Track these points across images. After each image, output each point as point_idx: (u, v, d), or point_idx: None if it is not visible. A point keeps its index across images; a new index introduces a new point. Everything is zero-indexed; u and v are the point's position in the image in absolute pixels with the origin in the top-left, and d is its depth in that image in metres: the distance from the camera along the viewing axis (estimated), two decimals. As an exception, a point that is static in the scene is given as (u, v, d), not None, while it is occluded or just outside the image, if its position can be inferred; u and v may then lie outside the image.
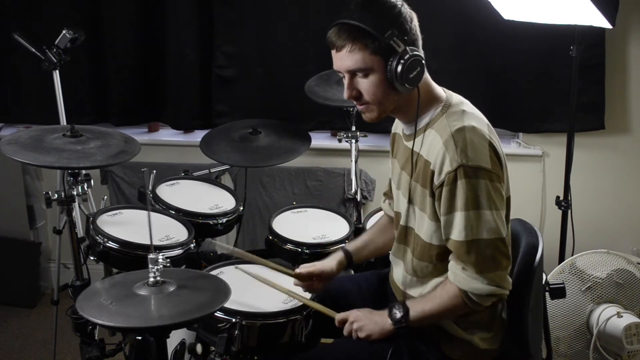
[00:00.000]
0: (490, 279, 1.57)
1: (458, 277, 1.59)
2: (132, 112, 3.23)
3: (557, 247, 2.73)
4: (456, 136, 1.57)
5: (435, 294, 1.65)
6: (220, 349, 1.70)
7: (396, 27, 1.55)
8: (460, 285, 1.59)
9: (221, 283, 1.64)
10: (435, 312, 1.65)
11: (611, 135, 3.09)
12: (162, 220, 2.27)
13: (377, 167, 3.15)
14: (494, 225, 1.56)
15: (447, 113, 1.64)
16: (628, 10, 2.89)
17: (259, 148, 2.59)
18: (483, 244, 1.56)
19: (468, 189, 1.54)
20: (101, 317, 1.46)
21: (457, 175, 1.54)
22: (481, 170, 1.55)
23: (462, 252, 1.58)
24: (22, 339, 3.08)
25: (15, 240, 3.34)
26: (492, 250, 1.57)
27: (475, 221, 1.55)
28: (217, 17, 3.05)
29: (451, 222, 1.58)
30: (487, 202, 1.55)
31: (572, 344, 2.55)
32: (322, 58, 2.99)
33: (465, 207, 1.55)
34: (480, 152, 1.56)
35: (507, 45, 2.94)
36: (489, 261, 1.57)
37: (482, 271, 1.56)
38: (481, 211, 1.55)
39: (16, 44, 2.63)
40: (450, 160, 1.55)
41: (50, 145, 2.04)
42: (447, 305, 1.62)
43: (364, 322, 1.71)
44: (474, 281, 1.57)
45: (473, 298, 1.58)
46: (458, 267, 1.59)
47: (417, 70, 1.57)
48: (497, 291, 1.58)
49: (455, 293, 1.60)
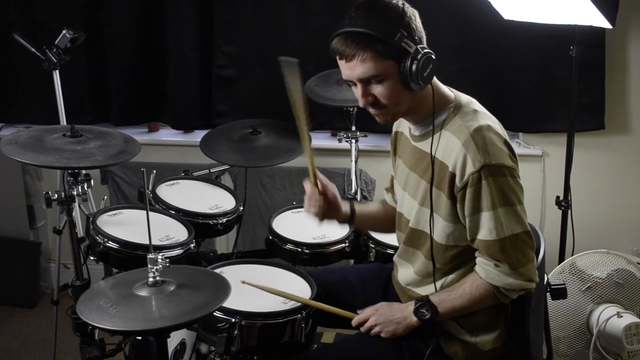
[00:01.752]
0: (523, 274, 1.59)
1: (491, 273, 1.60)
2: (132, 112, 3.23)
3: (557, 247, 2.73)
4: (475, 136, 1.57)
5: (465, 289, 1.65)
6: (220, 349, 1.70)
7: (403, 27, 1.53)
8: (493, 282, 1.60)
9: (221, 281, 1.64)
10: (465, 307, 1.66)
11: (611, 135, 3.08)
12: (162, 220, 2.27)
13: (377, 167, 3.15)
14: (523, 220, 1.59)
15: (459, 113, 1.64)
16: (628, 10, 2.89)
17: (259, 148, 2.58)
18: (515, 239, 1.58)
19: (495, 187, 1.55)
20: (102, 321, 1.46)
21: (481, 175, 1.55)
22: (504, 168, 1.57)
23: (494, 250, 1.58)
24: (22, 339, 3.08)
25: (15, 240, 3.34)
26: (522, 245, 1.59)
27: (505, 218, 1.56)
28: (217, 17, 3.05)
29: (478, 222, 1.59)
30: (515, 198, 1.58)
31: (572, 344, 2.55)
32: (322, 58, 2.99)
33: (492, 206, 1.56)
34: (499, 149, 1.58)
35: (507, 45, 2.94)
36: (521, 256, 1.59)
37: (515, 267, 1.58)
38: (510, 207, 1.57)
39: (16, 44, 2.63)
40: (472, 161, 1.55)
41: (50, 145, 2.04)
42: (477, 300, 1.64)
43: (385, 324, 1.71)
44: (508, 277, 1.59)
45: (504, 292, 1.61)
46: (490, 264, 1.60)
47: (430, 68, 1.56)
48: (528, 285, 1.60)
49: (487, 289, 1.62)
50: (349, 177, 2.91)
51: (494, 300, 1.63)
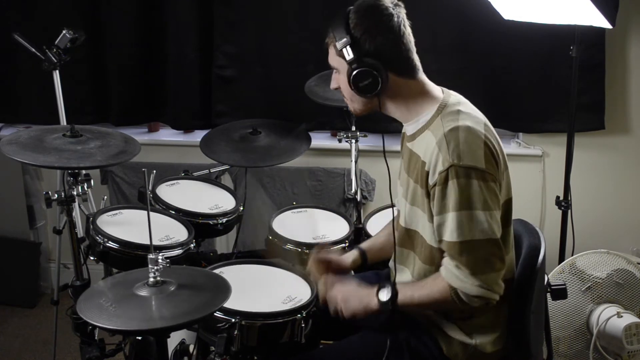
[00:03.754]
0: (482, 281, 1.56)
1: (450, 274, 1.59)
2: (132, 112, 3.22)
3: (557, 247, 2.73)
4: (448, 136, 1.57)
5: (426, 283, 1.65)
6: (220, 349, 1.69)
7: (357, 35, 1.60)
8: (451, 282, 1.58)
9: (221, 281, 1.64)
10: (423, 301, 1.64)
11: (611, 135, 3.08)
12: (162, 220, 2.27)
13: (377, 167, 3.15)
14: (486, 227, 1.55)
15: (442, 113, 1.64)
16: (628, 10, 2.89)
17: (259, 148, 2.59)
18: (476, 245, 1.55)
19: (459, 189, 1.54)
20: (102, 320, 1.46)
21: (448, 175, 1.55)
22: (474, 170, 1.54)
23: (455, 252, 1.57)
24: (22, 339, 3.09)
25: (15, 240, 3.34)
26: (485, 252, 1.56)
27: (467, 222, 1.55)
28: (217, 17, 3.05)
29: (443, 223, 1.58)
30: (480, 203, 1.55)
31: (572, 344, 2.55)
32: (322, 58, 2.95)
33: (456, 208, 1.55)
34: (473, 151, 1.56)
35: (507, 45, 2.94)
36: (482, 263, 1.56)
37: (475, 273, 1.56)
38: (473, 212, 1.54)
39: (16, 44, 2.63)
40: (442, 160, 1.56)
41: (50, 145, 2.04)
42: (435, 297, 1.62)
43: (348, 299, 1.72)
44: (465, 281, 1.57)
45: (462, 297, 1.58)
46: (452, 264, 1.59)
47: (368, 81, 1.61)
48: (487, 294, 1.57)
49: (445, 288, 1.59)
50: (349, 177, 2.91)
51: (453, 305, 1.60)
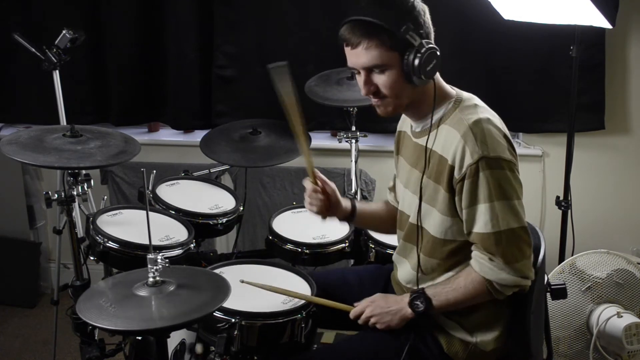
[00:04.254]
0: (517, 270, 1.58)
1: (484, 267, 1.60)
2: (132, 112, 3.22)
3: (557, 247, 2.73)
4: (474, 128, 1.58)
5: (459, 283, 1.65)
6: (220, 349, 1.69)
7: (411, 20, 1.55)
8: (487, 275, 1.60)
9: (221, 281, 1.64)
10: (459, 301, 1.65)
11: (611, 135, 3.08)
12: (162, 220, 2.27)
13: (377, 167, 3.15)
14: (520, 215, 1.59)
15: (460, 107, 1.65)
16: (628, 10, 2.89)
17: (259, 148, 2.58)
18: (510, 234, 1.57)
19: (492, 180, 1.55)
20: (101, 321, 1.46)
21: (479, 167, 1.55)
22: (502, 161, 1.57)
23: (489, 243, 1.58)
24: (22, 339, 3.09)
25: (15, 240, 3.34)
26: (518, 240, 1.58)
27: (501, 212, 1.56)
28: (217, 17, 3.05)
29: (474, 215, 1.59)
30: (512, 192, 1.57)
31: (572, 344, 2.54)
32: (322, 58, 2.99)
33: (489, 199, 1.56)
34: (498, 142, 1.58)
35: (507, 45, 2.94)
36: (516, 251, 1.58)
37: (510, 262, 1.58)
38: (508, 201, 1.57)
39: (16, 44, 2.63)
40: (471, 153, 1.56)
41: (50, 145, 2.04)
42: (471, 294, 1.63)
43: (381, 315, 1.72)
44: (502, 272, 1.58)
45: (497, 288, 1.60)
46: (484, 258, 1.60)
47: (433, 63, 1.58)
48: (522, 282, 1.60)
49: (481, 282, 1.61)
50: (349, 177, 2.91)
51: (489, 296, 1.62)
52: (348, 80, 2.73)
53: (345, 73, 2.75)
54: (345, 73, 2.74)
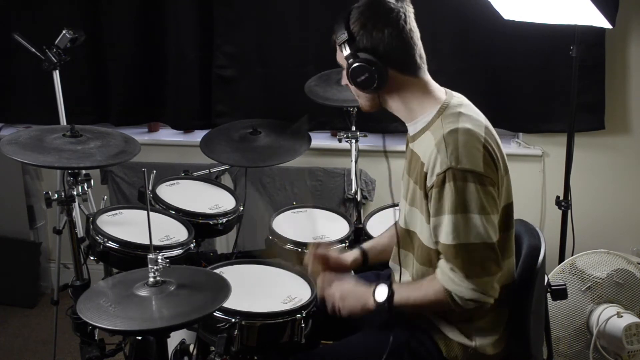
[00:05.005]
0: (477, 285, 1.55)
1: (445, 276, 1.59)
2: (132, 112, 3.23)
3: (557, 247, 2.73)
4: (447, 138, 1.56)
5: (422, 285, 1.65)
6: (220, 349, 1.70)
7: (355, 30, 1.61)
8: (445, 285, 1.58)
9: (221, 281, 1.64)
10: (418, 302, 1.64)
11: (611, 135, 3.08)
12: (162, 220, 2.27)
13: (377, 167, 3.15)
14: (481, 231, 1.54)
15: (443, 115, 1.64)
16: (628, 10, 2.89)
17: (259, 148, 2.58)
18: (471, 248, 1.55)
19: (455, 192, 1.53)
20: (101, 320, 1.46)
21: (445, 177, 1.54)
22: (471, 174, 1.54)
23: (450, 255, 1.57)
24: (22, 339, 3.09)
25: (15, 240, 3.34)
26: (480, 256, 1.55)
27: (462, 225, 1.54)
28: (217, 17, 3.05)
29: (439, 225, 1.58)
30: (476, 207, 1.54)
31: (572, 344, 2.55)
32: (322, 58, 2.99)
33: (452, 210, 1.54)
34: (471, 154, 1.55)
35: (507, 45, 2.94)
36: (477, 266, 1.56)
37: (468, 276, 1.55)
38: (468, 215, 1.54)
39: (16, 44, 2.63)
40: (440, 163, 1.55)
41: (50, 145, 2.04)
42: (430, 299, 1.62)
43: (348, 299, 1.72)
44: (460, 284, 1.56)
45: (456, 299, 1.58)
46: (447, 267, 1.58)
47: (364, 76, 1.61)
48: (481, 298, 1.56)
49: (440, 290, 1.59)
50: (349, 177, 2.91)
51: (448, 306, 1.59)
52: (348, 80, 2.72)
53: (345, 73, 2.74)
54: (346, 73, 2.74)
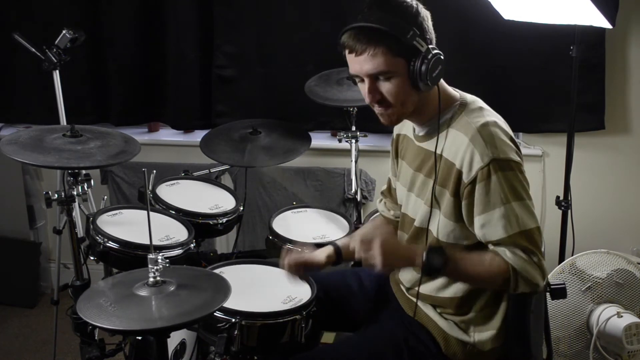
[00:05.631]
0: (542, 269, 1.55)
1: (517, 258, 1.53)
2: (132, 112, 3.23)
3: (557, 247, 2.73)
4: (482, 131, 1.57)
5: (484, 260, 1.56)
6: (220, 349, 1.70)
7: (416, 26, 1.55)
8: (517, 265, 1.52)
9: (221, 281, 1.64)
10: (475, 276, 1.59)
11: (611, 135, 3.08)
12: (162, 220, 2.27)
13: (377, 167, 3.15)
14: (535, 215, 1.57)
15: (465, 111, 1.64)
16: (628, 10, 2.89)
17: (259, 148, 2.58)
18: (530, 233, 1.55)
19: (505, 181, 1.54)
20: (102, 320, 1.46)
21: (490, 169, 1.54)
22: (512, 162, 1.56)
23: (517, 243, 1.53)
24: (22, 339, 3.09)
25: (15, 240, 3.35)
26: (537, 239, 1.56)
27: (519, 213, 1.54)
28: (217, 17, 3.05)
29: (491, 220, 1.55)
30: (524, 193, 1.56)
31: (572, 344, 2.54)
32: (322, 58, 2.99)
33: (505, 200, 1.54)
34: (507, 145, 1.57)
35: (507, 45, 2.93)
36: (538, 250, 1.55)
37: (540, 259, 1.54)
38: (521, 202, 1.55)
39: (16, 44, 2.63)
40: (480, 156, 1.54)
41: (50, 145, 2.04)
42: (492, 274, 1.55)
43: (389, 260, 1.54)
44: (531, 266, 1.53)
45: (518, 279, 1.53)
46: (517, 250, 1.53)
47: (439, 69, 1.57)
48: (541, 282, 1.55)
49: (505, 269, 1.53)
50: (349, 177, 2.91)
51: (502, 285, 1.55)
52: (348, 80, 2.72)
53: (345, 73, 2.74)
54: (346, 73, 2.74)
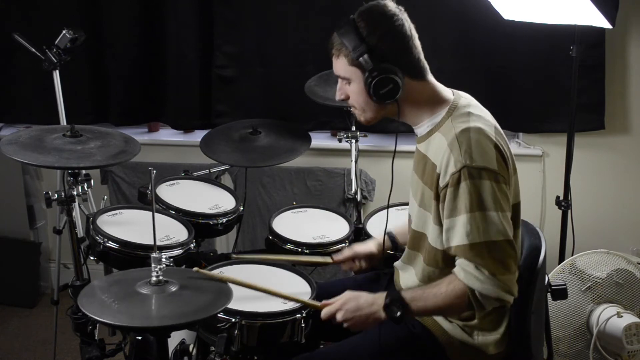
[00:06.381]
0: (502, 283, 1.53)
1: (469, 275, 1.54)
2: (132, 112, 3.23)
3: (557, 247, 2.73)
4: (460, 137, 1.57)
5: (440, 289, 1.59)
6: (220, 349, 1.69)
7: (372, 43, 1.59)
8: (471, 284, 1.54)
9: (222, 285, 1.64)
10: (437, 308, 1.61)
11: (611, 135, 3.08)
12: (162, 220, 2.26)
13: (377, 167, 3.15)
14: (501, 227, 1.53)
15: (452, 115, 1.64)
16: (628, 10, 2.89)
17: (259, 148, 2.58)
18: (493, 246, 1.53)
19: (472, 190, 1.53)
20: (103, 316, 1.46)
21: (460, 176, 1.53)
22: (485, 171, 1.54)
23: (472, 254, 1.53)
24: (22, 339, 3.09)
25: (15, 240, 3.34)
26: (501, 253, 1.53)
27: (481, 223, 1.53)
28: (217, 17, 3.05)
29: (455, 225, 1.56)
30: (493, 204, 1.53)
31: (572, 344, 2.55)
32: (322, 58, 2.98)
33: (470, 209, 1.53)
34: (485, 152, 1.55)
35: (507, 45, 2.94)
36: (500, 264, 1.53)
37: (494, 274, 1.52)
38: (487, 212, 1.53)
39: (16, 44, 2.63)
40: (454, 162, 1.55)
41: (50, 145, 2.04)
42: (451, 303, 1.58)
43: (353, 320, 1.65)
44: (486, 282, 1.52)
45: (479, 299, 1.54)
46: (470, 266, 1.54)
47: (389, 87, 1.60)
48: (505, 297, 1.54)
49: (463, 291, 1.55)
50: (349, 177, 2.91)
51: (467, 308, 1.57)
52: (348, 80, 2.72)
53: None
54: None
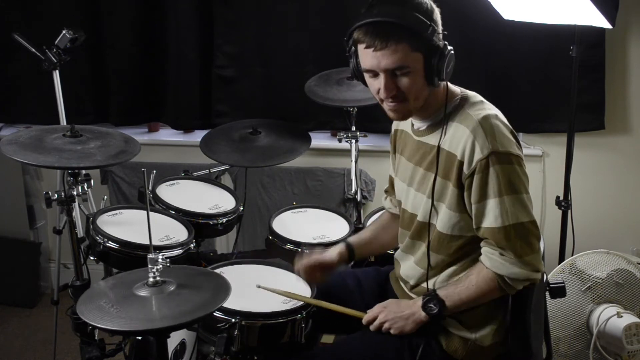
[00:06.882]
0: (528, 263, 1.59)
1: (496, 262, 1.60)
2: (132, 112, 3.23)
3: (557, 247, 2.73)
4: (484, 123, 1.59)
5: (471, 281, 1.64)
6: (220, 349, 1.70)
7: (433, 22, 1.58)
8: (498, 270, 1.60)
9: (221, 280, 1.64)
10: (472, 299, 1.65)
11: (611, 135, 3.08)
12: (162, 220, 2.27)
13: (377, 167, 3.15)
14: (529, 208, 1.60)
15: (467, 104, 1.66)
16: (628, 10, 2.89)
17: (259, 148, 2.59)
18: (520, 228, 1.59)
19: (502, 174, 1.57)
20: (103, 321, 1.46)
21: (489, 161, 1.57)
22: (511, 156, 1.59)
23: (499, 237, 1.59)
24: (22, 339, 3.09)
25: (15, 240, 3.34)
26: (527, 234, 1.59)
27: (511, 206, 1.57)
28: (217, 17, 3.05)
29: (483, 210, 1.60)
30: (520, 186, 1.59)
31: (572, 344, 2.54)
32: (322, 58, 2.99)
33: (499, 193, 1.57)
34: (507, 138, 1.60)
35: (507, 45, 2.94)
36: (526, 245, 1.59)
37: (520, 255, 1.58)
38: (517, 195, 1.58)
39: (16, 44, 2.63)
40: (480, 148, 1.57)
41: (50, 145, 2.04)
42: (483, 291, 1.63)
43: (394, 320, 1.71)
44: (513, 266, 1.59)
45: (509, 282, 1.60)
46: (495, 253, 1.60)
47: (452, 65, 1.62)
48: (533, 275, 1.60)
49: (492, 278, 1.61)
50: (349, 177, 2.91)
51: (500, 292, 1.63)
52: (348, 80, 2.72)
53: (345, 73, 2.74)
54: (345, 73, 2.73)
